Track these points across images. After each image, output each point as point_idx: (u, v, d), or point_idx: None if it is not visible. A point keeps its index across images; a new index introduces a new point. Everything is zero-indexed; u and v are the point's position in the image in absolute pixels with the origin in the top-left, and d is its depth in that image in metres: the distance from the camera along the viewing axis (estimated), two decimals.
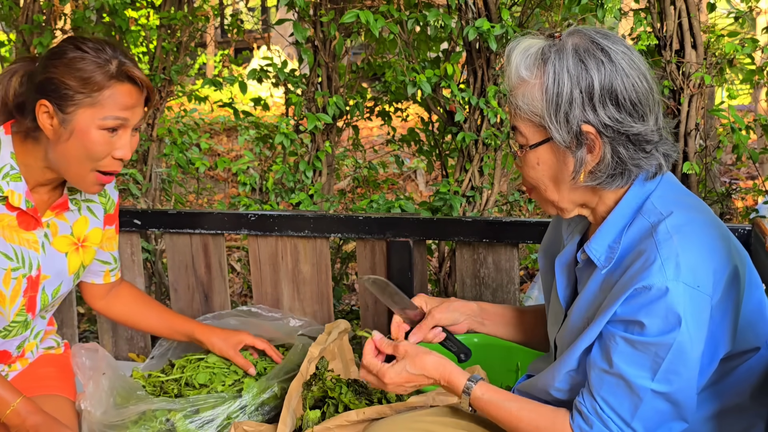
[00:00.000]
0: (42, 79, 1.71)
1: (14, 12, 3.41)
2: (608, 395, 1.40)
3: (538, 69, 1.42)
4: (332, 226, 2.48)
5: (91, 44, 1.72)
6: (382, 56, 3.45)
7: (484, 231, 2.37)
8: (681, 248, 1.35)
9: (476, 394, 1.52)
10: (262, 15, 12.75)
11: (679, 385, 1.37)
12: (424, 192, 6.69)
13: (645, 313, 1.35)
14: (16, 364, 1.99)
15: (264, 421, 1.94)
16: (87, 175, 1.76)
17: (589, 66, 1.39)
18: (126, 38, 3.55)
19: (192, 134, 3.91)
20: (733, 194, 3.12)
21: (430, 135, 3.35)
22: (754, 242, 2.01)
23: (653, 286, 1.33)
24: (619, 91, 1.39)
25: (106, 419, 1.85)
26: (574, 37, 1.44)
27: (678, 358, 1.35)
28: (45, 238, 1.88)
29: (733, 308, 1.40)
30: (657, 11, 2.87)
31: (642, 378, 1.36)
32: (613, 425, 1.40)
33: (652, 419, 1.39)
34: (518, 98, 1.45)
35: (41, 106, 1.70)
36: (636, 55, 1.44)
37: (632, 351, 1.37)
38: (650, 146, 1.43)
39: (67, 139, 1.71)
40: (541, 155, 1.46)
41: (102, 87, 1.69)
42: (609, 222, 1.47)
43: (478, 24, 2.70)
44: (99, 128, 1.70)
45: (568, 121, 1.40)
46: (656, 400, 1.38)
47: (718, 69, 2.88)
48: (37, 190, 1.84)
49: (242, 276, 4.29)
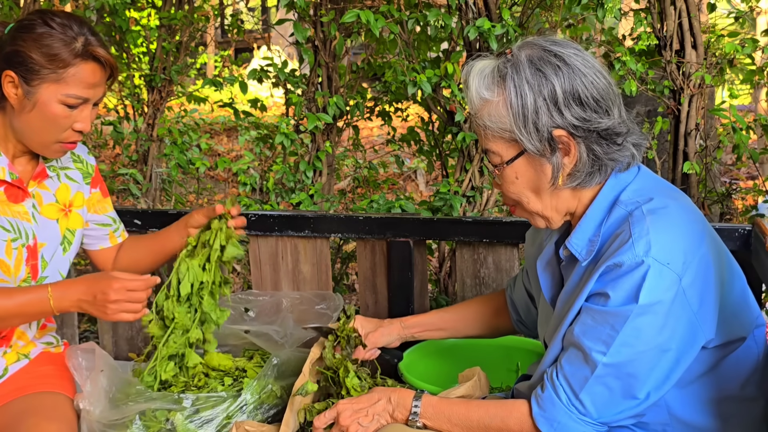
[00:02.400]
0: (9, 51, 1.78)
1: (14, 12, 3.41)
2: (566, 364, 1.44)
3: (498, 87, 1.46)
4: (332, 226, 2.48)
5: (58, 20, 1.78)
6: (383, 56, 3.45)
7: (485, 231, 2.37)
8: (653, 227, 1.38)
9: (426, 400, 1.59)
10: (262, 15, 12.75)
11: (631, 356, 1.38)
12: (424, 192, 6.69)
13: (612, 286, 1.39)
14: (9, 350, 1.99)
15: (264, 421, 1.94)
16: (50, 145, 1.86)
17: (547, 73, 1.43)
18: (126, 38, 3.55)
19: (192, 134, 3.91)
20: (733, 194, 3.12)
21: (431, 135, 3.35)
22: (754, 242, 2.00)
23: (624, 263, 1.38)
24: (580, 90, 1.43)
25: (104, 418, 1.85)
26: (526, 49, 1.47)
27: (634, 330, 1.37)
28: (33, 208, 1.95)
29: (711, 294, 1.42)
30: (657, 11, 2.87)
31: (597, 351, 1.39)
32: (563, 394, 1.44)
33: (601, 396, 1.41)
34: (484, 119, 1.48)
35: (6, 76, 1.78)
36: (587, 54, 1.48)
37: (592, 322, 1.41)
38: (621, 138, 1.46)
39: (30, 110, 1.79)
40: (519, 168, 1.50)
41: (67, 64, 1.77)
42: (588, 216, 1.50)
43: (479, 23, 2.71)
44: (60, 103, 1.79)
45: (538, 129, 1.44)
46: (607, 376, 1.40)
47: (718, 69, 2.88)
48: (17, 162, 1.92)
49: (242, 276, 4.29)
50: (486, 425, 1.52)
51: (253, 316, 2.37)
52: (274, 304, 2.41)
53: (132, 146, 3.64)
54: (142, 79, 3.57)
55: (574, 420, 1.43)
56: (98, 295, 1.77)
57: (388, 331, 1.96)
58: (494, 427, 1.51)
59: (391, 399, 1.62)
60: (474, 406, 1.56)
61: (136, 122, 3.53)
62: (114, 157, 6.67)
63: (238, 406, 1.91)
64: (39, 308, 1.80)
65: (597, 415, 1.42)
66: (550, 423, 1.44)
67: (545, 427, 1.45)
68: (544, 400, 1.46)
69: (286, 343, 2.20)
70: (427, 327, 1.99)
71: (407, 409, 1.59)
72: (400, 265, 2.43)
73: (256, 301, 2.42)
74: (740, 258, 2.03)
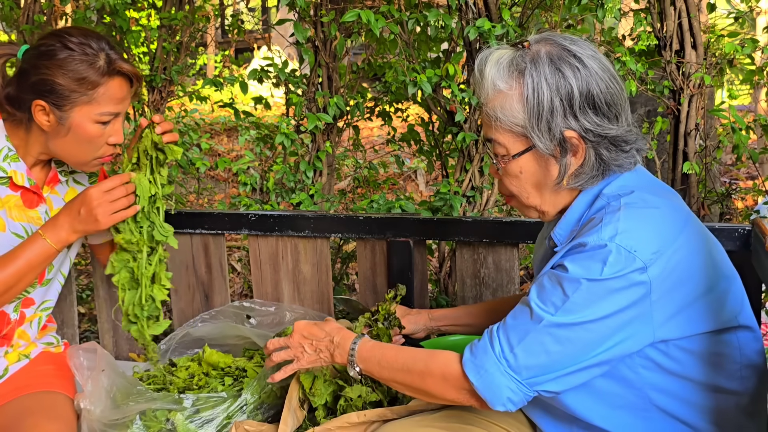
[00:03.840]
0: (36, 80, 1.79)
1: (15, 12, 3.42)
2: (510, 318, 1.44)
3: (515, 80, 1.45)
4: (332, 226, 2.48)
5: (75, 40, 1.80)
6: (383, 56, 3.45)
7: (485, 231, 2.37)
8: (624, 217, 1.38)
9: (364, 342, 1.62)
10: (262, 15, 12.75)
11: (576, 322, 1.36)
12: (424, 192, 6.69)
13: (571, 260, 1.39)
14: (11, 350, 1.99)
15: (264, 421, 1.94)
16: (89, 162, 1.91)
17: (566, 73, 1.42)
18: (127, 38, 3.55)
19: (193, 134, 3.91)
20: (733, 194, 3.12)
21: (431, 135, 3.35)
22: (754, 242, 2.00)
23: (588, 244, 1.38)
24: (595, 94, 1.43)
25: (105, 417, 1.85)
26: (545, 44, 1.46)
27: (585, 300, 1.36)
28: (46, 214, 1.98)
29: (680, 291, 1.39)
30: (657, 11, 2.87)
31: (544, 311, 1.39)
32: (497, 345, 1.42)
33: (536, 355, 1.39)
34: (496, 110, 1.47)
35: (37, 105, 1.80)
36: (603, 57, 1.47)
37: (547, 284, 1.41)
38: (629, 146, 1.47)
39: (66, 134, 1.83)
40: (524, 164, 1.49)
41: (96, 85, 1.80)
42: (572, 208, 1.51)
43: (479, 24, 2.71)
44: (94, 122, 1.83)
45: (551, 129, 1.43)
46: (548, 336, 1.38)
47: (718, 69, 2.88)
48: (34, 169, 1.96)
49: (243, 276, 4.29)
50: (409, 367, 1.52)
51: (254, 324, 2.38)
52: (278, 316, 2.41)
53: None
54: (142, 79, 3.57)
55: (501, 372, 1.40)
56: (81, 209, 1.83)
57: (416, 320, 1.97)
58: (417, 370, 1.51)
59: (333, 339, 1.66)
60: (404, 350, 1.57)
61: (137, 122, 3.54)
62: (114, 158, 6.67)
63: (239, 406, 1.91)
64: (43, 253, 1.84)
65: (526, 373, 1.40)
66: (477, 370, 1.42)
67: (471, 372, 1.43)
68: (478, 347, 1.45)
69: None
70: (454, 321, 2.00)
71: (346, 351, 1.63)
72: (400, 265, 2.43)
73: (260, 311, 2.42)
74: (740, 258, 2.04)
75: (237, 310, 2.39)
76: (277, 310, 2.43)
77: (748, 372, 1.51)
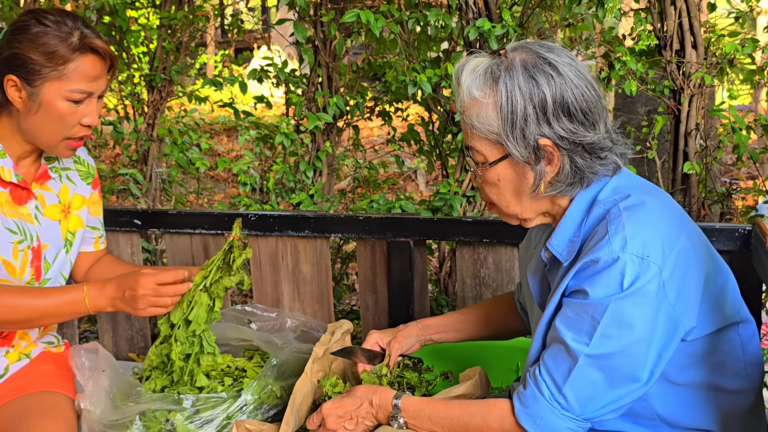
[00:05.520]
0: (8, 55, 1.79)
1: (14, 12, 3.41)
2: (549, 359, 1.44)
3: (489, 88, 1.46)
4: (332, 226, 2.48)
5: (51, 17, 1.79)
6: (383, 56, 3.45)
7: (485, 231, 2.37)
8: (628, 223, 1.39)
9: (406, 400, 1.60)
10: (262, 15, 12.76)
11: (613, 347, 1.37)
12: (424, 192, 6.69)
13: (589, 282, 1.39)
14: (11, 350, 1.99)
15: (264, 420, 1.94)
16: (59, 143, 1.87)
17: (540, 81, 1.43)
18: (126, 38, 3.55)
19: (192, 134, 3.91)
20: (733, 194, 3.12)
21: (431, 135, 3.35)
22: (754, 242, 2.00)
23: (600, 259, 1.38)
24: (570, 102, 1.43)
25: (105, 418, 1.85)
26: (521, 52, 1.47)
27: (614, 320, 1.37)
28: (36, 210, 1.96)
29: (691, 286, 1.41)
30: (657, 11, 2.87)
31: (579, 342, 1.39)
32: (546, 389, 1.43)
33: (584, 390, 1.40)
34: (472, 118, 1.48)
35: (9, 80, 1.79)
36: (580, 64, 1.47)
37: (573, 315, 1.41)
38: (605, 152, 1.47)
39: (36, 111, 1.81)
40: (501, 171, 1.50)
41: (67, 60, 1.78)
42: (567, 217, 1.51)
43: (479, 24, 2.71)
44: (66, 99, 1.80)
45: (525, 136, 1.44)
46: (590, 368, 1.39)
47: (718, 69, 2.88)
48: (21, 164, 1.93)
49: None
50: (465, 423, 1.51)
51: (255, 328, 2.37)
52: (278, 323, 2.40)
53: (132, 146, 3.64)
54: (142, 79, 3.57)
55: (557, 415, 1.42)
56: (127, 291, 1.78)
57: (408, 333, 1.94)
58: (474, 425, 1.50)
59: (372, 402, 1.63)
60: (454, 404, 1.56)
61: (136, 122, 3.53)
62: (114, 157, 6.67)
63: (239, 407, 1.91)
64: (75, 308, 1.81)
65: (580, 410, 1.41)
66: (533, 419, 1.43)
67: (528, 423, 1.44)
68: (527, 396, 1.45)
69: (286, 346, 2.20)
70: (443, 329, 1.97)
71: (388, 411, 1.61)
72: (400, 265, 2.43)
73: (261, 316, 2.42)
74: (740, 258, 2.04)
75: (238, 314, 2.38)
76: (278, 316, 2.42)
77: (752, 370, 1.52)
